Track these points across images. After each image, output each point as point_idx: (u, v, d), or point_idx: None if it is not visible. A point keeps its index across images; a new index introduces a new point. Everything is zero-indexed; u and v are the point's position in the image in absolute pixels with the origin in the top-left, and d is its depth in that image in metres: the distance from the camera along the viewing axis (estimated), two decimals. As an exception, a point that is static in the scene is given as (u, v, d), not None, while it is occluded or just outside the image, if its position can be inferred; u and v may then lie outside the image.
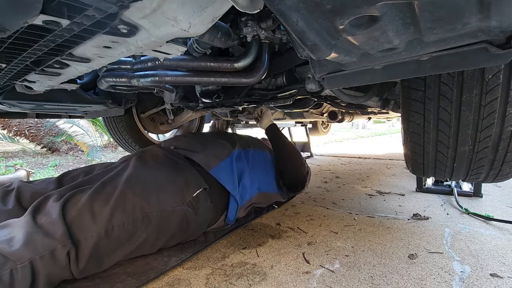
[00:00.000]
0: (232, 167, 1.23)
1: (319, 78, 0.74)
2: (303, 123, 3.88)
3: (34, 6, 0.41)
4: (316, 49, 0.53)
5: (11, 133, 5.13)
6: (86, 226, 0.79)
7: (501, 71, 0.75)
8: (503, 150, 0.87)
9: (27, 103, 1.23)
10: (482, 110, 0.81)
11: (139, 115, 2.14)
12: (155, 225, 0.92)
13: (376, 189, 1.98)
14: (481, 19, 0.43)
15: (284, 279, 0.86)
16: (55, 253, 0.73)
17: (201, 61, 0.93)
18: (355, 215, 1.43)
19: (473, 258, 0.97)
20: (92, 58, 0.67)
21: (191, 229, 1.05)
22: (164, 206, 0.94)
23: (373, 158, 3.73)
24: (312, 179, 2.37)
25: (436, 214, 1.42)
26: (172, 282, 0.86)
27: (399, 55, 0.58)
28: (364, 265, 0.93)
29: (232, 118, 2.24)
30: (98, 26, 0.49)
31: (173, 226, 0.98)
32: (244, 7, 0.46)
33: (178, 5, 0.47)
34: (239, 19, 0.87)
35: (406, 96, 0.93)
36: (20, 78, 0.79)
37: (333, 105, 1.77)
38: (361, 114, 2.76)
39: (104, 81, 1.03)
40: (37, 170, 3.70)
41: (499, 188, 1.93)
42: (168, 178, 1.03)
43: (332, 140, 7.08)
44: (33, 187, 1.02)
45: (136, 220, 0.88)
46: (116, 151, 5.52)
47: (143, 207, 0.90)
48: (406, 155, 1.11)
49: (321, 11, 0.45)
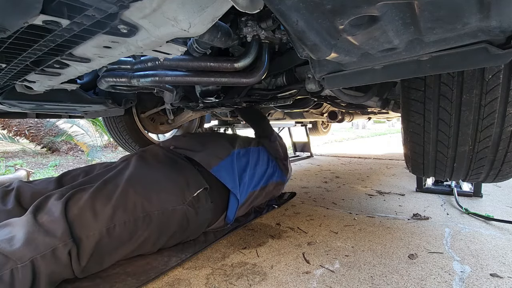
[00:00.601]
0: (233, 166, 1.23)
1: (319, 78, 0.74)
2: (303, 123, 3.88)
3: (34, 6, 0.41)
4: (316, 49, 0.53)
5: (11, 133, 5.13)
6: (87, 224, 0.79)
7: (501, 71, 0.75)
8: (503, 150, 0.87)
9: (27, 103, 1.23)
10: (482, 110, 0.81)
11: (139, 115, 2.14)
12: (156, 224, 0.92)
13: (376, 189, 1.98)
14: (481, 19, 0.43)
15: (284, 279, 0.86)
16: (56, 252, 0.73)
17: (201, 61, 0.93)
18: (355, 215, 1.43)
19: (473, 258, 0.97)
20: (92, 58, 0.67)
21: (192, 228, 1.05)
22: (165, 205, 0.95)
23: (373, 158, 3.73)
24: (312, 179, 2.37)
25: (436, 214, 1.42)
26: (172, 282, 0.86)
27: (399, 55, 0.58)
28: (364, 265, 0.93)
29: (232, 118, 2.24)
30: (98, 26, 0.49)
31: (174, 226, 0.98)
32: (244, 7, 0.46)
33: (178, 5, 0.47)
34: (239, 19, 0.87)
35: (406, 96, 0.93)
36: (20, 78, 0.79)
37: (333, 105, 1.78)
38: (361, 114, 2.76)
39: (104, 81, 1.03)
40: (37, 170, 3.70)
41: (499, 188, 1.93)
42: (169, 177, 1.03)
43: (332, 140, 7.08)
44: (33, 187, 1.02)
45: (137, 218, 0.88)
46: (116, 151, 5.52)
47: (145, 206, 0.90)
48: (406, 155, 1.11)
49: (321, 11, 0.45)
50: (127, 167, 1.02)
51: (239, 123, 3.20)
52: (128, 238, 0.87)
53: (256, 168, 1.37)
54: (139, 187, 0.93)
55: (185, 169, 1.11)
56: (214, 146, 1.29)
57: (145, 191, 0.93)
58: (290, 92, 1.33)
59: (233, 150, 1.31)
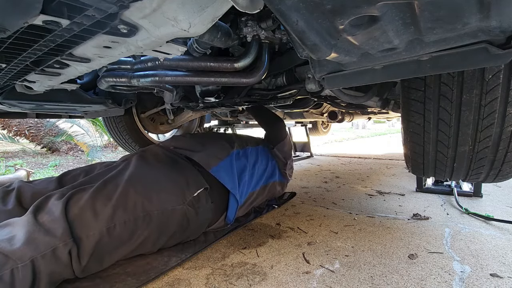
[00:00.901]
0: (232, 166, 1.23)
1: (319, 78, 0.74)
2: (303, 123, 3.89)
3: (34, 6, 0.41)
4: (316, 49, 0.53)
5: (11, 133, 5.13)
6: (88, 224, 0.79)
7: (501, 71, 0.75)
8: (503, 150, 0.87)
9: (27, 103, 1.23)
10: (482, 110, 0.81)
11: (139, 115, 2.14)
12: (156, 223, 0.92)
13: (376, 189, 1.98)
14: (481, 19, 0.43)
15: (284, 279, 0.86)
16: (57, 252, 0.73)
17: (201, 61, 0.93)
18: (355, 215, 1.43)
19: (473, 258, 0.97)
20: (92, 58, 0.67)
21: (192, 228, 1.05)
22: (165, 205, 0.95)
23: (373, 158, 3.73)
24: (312, 179, 2.38)
25: (436, 214, 1.42)
26: (172, 282, 0.86)
27: (399, 55, 0.58)
28: (364, 265, 0.93)
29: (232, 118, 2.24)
30: (98, 26, 0.49)
31: (174, 226, 0.98)
32: (244, 7, 0.46)
33: (178, 5, 0.47)
34: (239, 19, 0.87)
35: (406, 96, 0.93)
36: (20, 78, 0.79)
37: (333, 105, 1.78)
38: (361, 114, 2.76)
39: (104, 81, 1.03)
40: (37, 170, 3.70)
41: (499, 188, 1.93)
42: (169, 177, 1.03)
43: (332, 140, 7.08)
44: (34, 187, 1.02)
45: (137, 218, 0.88)
46: (116, 151, 5.53)
47: (145, 206, 0.90)
48: (406, 155, 1.11)
49: (321, 11, 0.45)
50: (128, 167, 1.02)
51: (239, 123, 3.20)
52: (128, 237, 0.87)
53: (255, 167, 1.37)
54: (140, 187, 0.93)
55: (185, 169, 1.11)
56: (213, 147, 1.29)
57: (145, 190, 0.93)
58: (290, 92, 1.33)
59: (232, 150, 1.31)
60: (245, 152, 1.37)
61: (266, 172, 1.43)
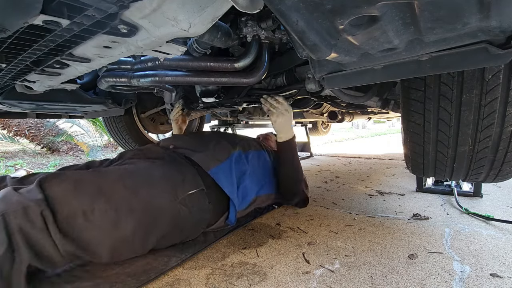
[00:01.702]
0: (231, 169, 1.22)
1: (319, 78, 0.74)
2: (303, 123, 3.89)
3: (34, 6, 0.41)
4: (316, 49, 0.53)
5: (11, 133, 5.13)
6: (65, 200, 0.79)
7: (501, 71, 0.75)
8: (503, 150, 0.87)
9: (27, 103, 1.23)
10: (482, 110, 0.81)
11: (139, 115, 2.14)
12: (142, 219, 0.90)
13: (376, 189, 1.98)
14: (481, 19, 0.43)
15: (284, 279, 0.86)
16: (28, 210, 0.72)
17: (201, 61, 0.93)
18: (355, 215, 1.43)
19: (473, 258, 0.97)
20: (92, 58, 0.68)
21: (187, 228, 1.04)
22: (152, 200, 0.94)
23: (373, 158, 3.73)
24: (312, 179, 2.37)
25: (436, 214, 1.42)
26: (172, 282, 0.86)
27: (399, 55, 0.58)
28: (364, 265, 0.93)
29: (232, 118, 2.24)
30: (98, 26, 0.49)
31: (163, 224, 0.96)
32: (244, 7, 0.46)
33: (178, 5, 0.47)
34: (239, 19, 0.88)
35: (406, 96, 0.93)
36: (20, 78, 0.79)
37: (333, 105, 1.78)
38: (361, 114, 2.77)
39: (104, 81, 1.03)
40: (37, 170, 3.70)
41: (499, 188, 1.93)
42: (163, 174, 1.03)
43: (332, 140, 7.08)
44: None
45: (119, 209, 0.86)
46: (116, 151, 5.52)
47: (130, 199, 0.89)
48: (406, 155, 1.11)
49: (321, 11, 0.45)
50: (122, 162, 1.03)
51: (239, 123, 3.20)
52: (111, 227, 0.84)
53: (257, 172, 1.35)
54: (129, 181, 0.92)
55: (184, 168, 1.11)
56: (214, 148, 1.28)
57: (134, 185, 0.93)
58: (290, 92, 1.33)
59: (233, 151, 1.30)
60: (247, 155, 1.36)
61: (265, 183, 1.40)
